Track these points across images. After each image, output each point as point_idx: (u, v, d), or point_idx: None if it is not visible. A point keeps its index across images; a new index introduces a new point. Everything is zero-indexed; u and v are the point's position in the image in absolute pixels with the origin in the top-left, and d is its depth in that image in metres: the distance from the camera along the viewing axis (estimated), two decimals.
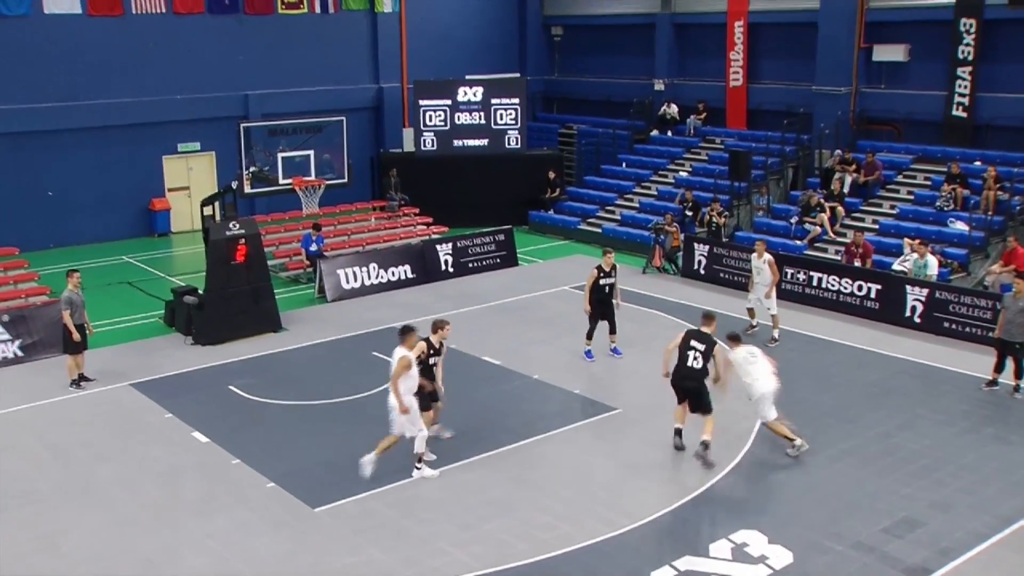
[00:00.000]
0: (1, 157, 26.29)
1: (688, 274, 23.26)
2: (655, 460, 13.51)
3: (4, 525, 12.01)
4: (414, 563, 10.99)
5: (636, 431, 14.50)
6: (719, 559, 11.02)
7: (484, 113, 30.05)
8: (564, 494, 12.58)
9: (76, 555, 11.30)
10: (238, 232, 19.23)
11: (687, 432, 13.70)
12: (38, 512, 12.33)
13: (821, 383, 16.37)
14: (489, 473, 13.18)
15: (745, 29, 29.81)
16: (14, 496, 12.75)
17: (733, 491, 12.64)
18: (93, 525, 11.99)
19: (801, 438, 13.60)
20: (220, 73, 29.36)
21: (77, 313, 16.54)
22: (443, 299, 21.79)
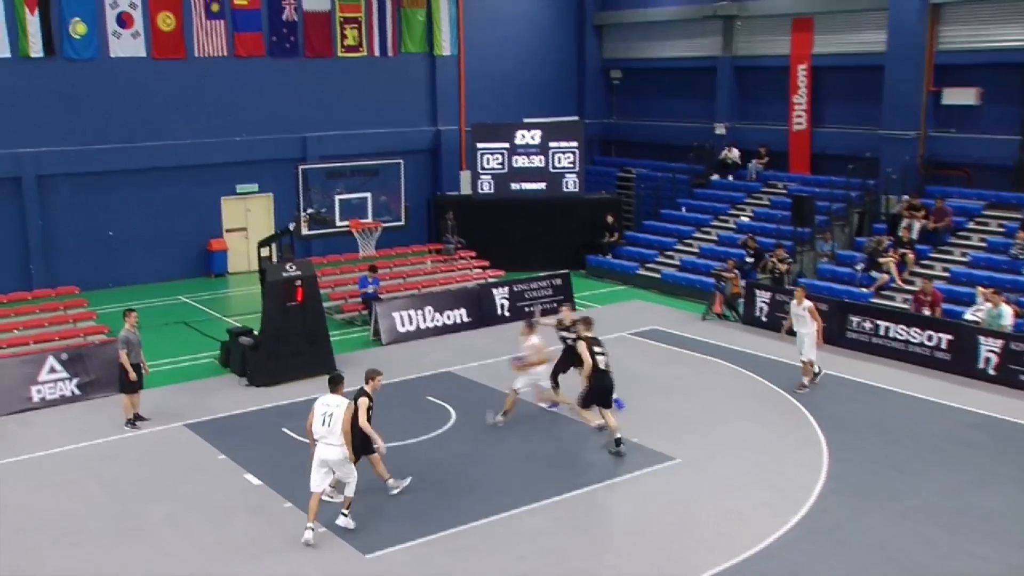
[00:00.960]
0: (64, 197, 26.97)
1: (750, 321, 23.01)
2: (715, 513, 13.28)
3: (56, 563, 12.15)
4: None
5: (695, 482, 14.29)
6: None
7: (542, 156, 30.17)
8: (621, 546, 12.43)
9: None
10: (295, 274, 19.44)
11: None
12: (89, 551, 12.46)
13: (886, 435, 16.01)
14: (544, 521, 13.06)
15: (809, 72, 29.69)
16: (66, 534, 12.91)
17: (796, 548, 12.34)
18: (143, 566, 12.08)
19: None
20: (279, 115, 29.87)
21: (134, 352, 16.80)
22: (499, 343, 21.73)
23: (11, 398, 17.78)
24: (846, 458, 14.96)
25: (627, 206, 32.51)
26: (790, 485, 13.99)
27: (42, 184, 26.50)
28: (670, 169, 32.60)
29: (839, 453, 15.15)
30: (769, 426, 16.49)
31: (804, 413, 16.99)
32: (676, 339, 21.94)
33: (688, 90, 34.00)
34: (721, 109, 32.65)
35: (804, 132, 30.05)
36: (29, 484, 14.63)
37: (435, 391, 18.40)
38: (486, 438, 16.17)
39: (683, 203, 31.15)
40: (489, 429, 16.49)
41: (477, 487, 14.23)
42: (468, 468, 14.94)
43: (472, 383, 19.11)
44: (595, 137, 36.12)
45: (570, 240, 29.60)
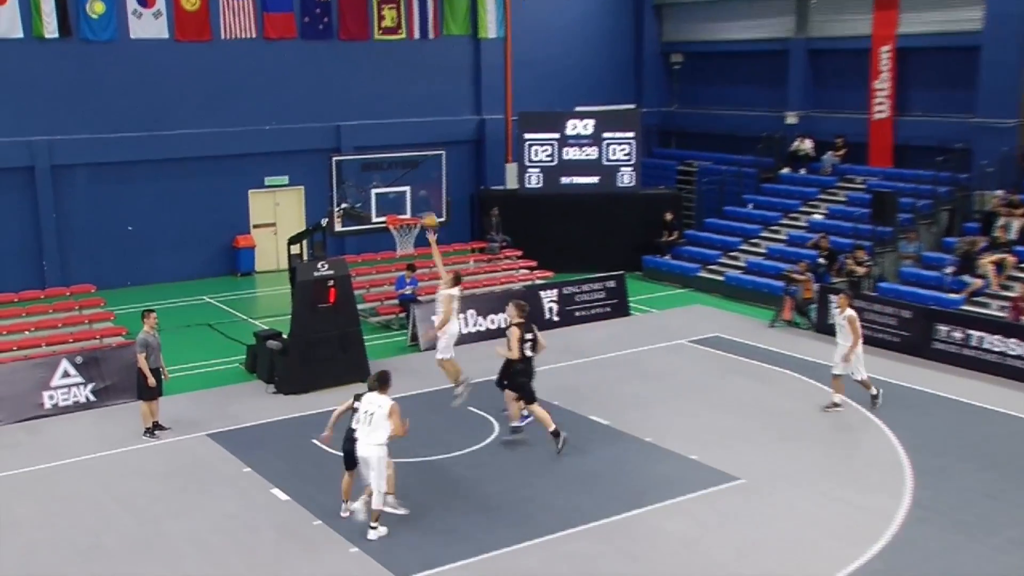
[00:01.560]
0: (80, 189, 27.35)
1: (823, 329, 22.73)
2: (783, 540, 13.10)
3: None
4: None
5: (761, 505, 14.12)
6: None
7: (595, 148, 30.09)
8: (678, 572, 12.28)
9: None
10: (327, 273, 19.52)
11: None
12: (104, 569, 12.57)
13: (979, 458, 15.69)
14: (595, 545, 12.97)
15: (892, 55, 29.25)
16: (80, 551, 13.03)
17: None
18: None
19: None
20: (311, 102, 30.08)
21: (153, 356, 16.95)
22: (547, 351, 21.63)
23: (22, 404, 18.03)
24: (933, 483, 14.68)
25: (688, 202, 32.32)
26: (868, 512, 13.76)
27: (56, 175, 26.89)
28: (735, 162, 32.40)
29: (924, 478, 14.87)
30: (845, 445, 16.29)
31: (884, 432, 16.74)
32: (740, 348, 21.76)
33: (757, 75, 33.76)
34: (793, 96, 32.34)
35: (886, 121, 29.65)
36: (40, 497, 14.79)
37: (477, 401, 18.36)
38: (531, 452, 16.11)
39: (750, 199, 30.91)
40: (537, 442, 16.41)
41: (520, 506, 14.19)
42: (511, 485, 14.90)
43: None
44: (653, 127, 35.97)
45: (625, 239, 29.49)
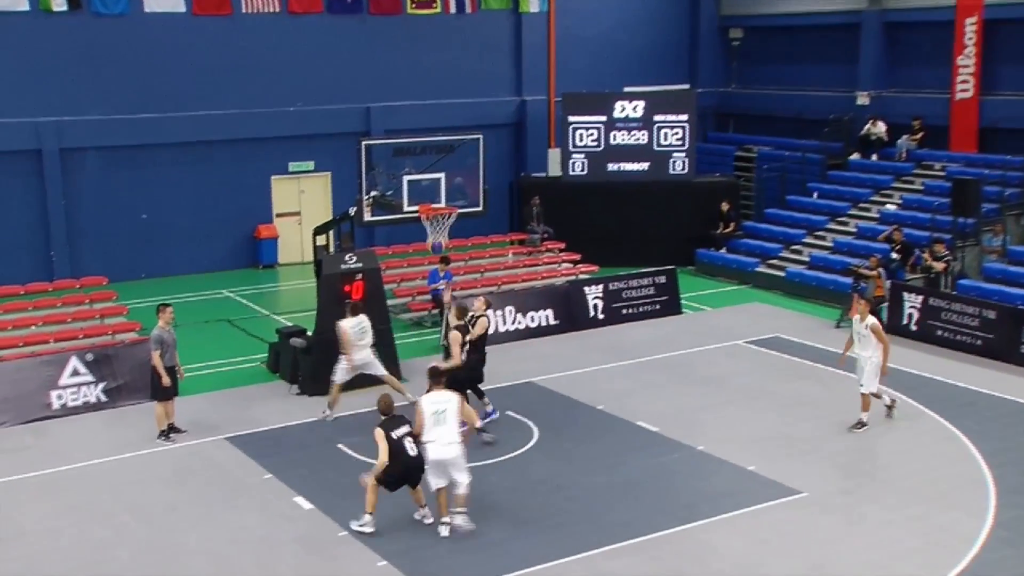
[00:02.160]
0: (90, 174, 27.68)
1: (895, 330, 22.52)
2: (851, 561, 13.00)
3: None
4: None
5: (825, 522, 14.03)
6: None
7: (645, 132, 30.02)
8: None
9: None
10: (355, 266, 19.62)
11: None
12: None
13: None
14: (641, 563, 12.95)
15: (979, 27, 28.93)
16: (90, 564, 13.15)
17: None
18: None
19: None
20: (339, 83, 30.23)
21: (168, 354, 17.10)
22: (591, 351, 21.70)
23: (28, 404, 18.26)
24: (1019, 502, 14.51)
25: (746, 191, 32.21)
26: (946, 531, 13.63)
27: (65, 158, 27.25)
28: (800, 147, 32.23)
29: (1011, 496, 14.68)
30: (920, 457, 16.11)
31: (964, 443, 16.58)
32: (803, 350, 21.64)
33: (825, 52, 33.56)
34: (865, 74, 32.12)
35: (970, 101, 29.37)
36: (47, 505, 14.96)
37: (515, 405, 18.39)
38: (573, 460, 16.12)
39: (815, 188, 30.73)
40: (579, 449, 16.43)
41: (560, 518, 14.18)
42: (551, 496, 14.90)
43: (558, 396, 19.08)
44: (709, 109, 35.85)
45: (677, 231, 29.46)
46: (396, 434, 13.18)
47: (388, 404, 13.54)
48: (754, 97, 35.77)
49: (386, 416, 13.42)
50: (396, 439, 13.13)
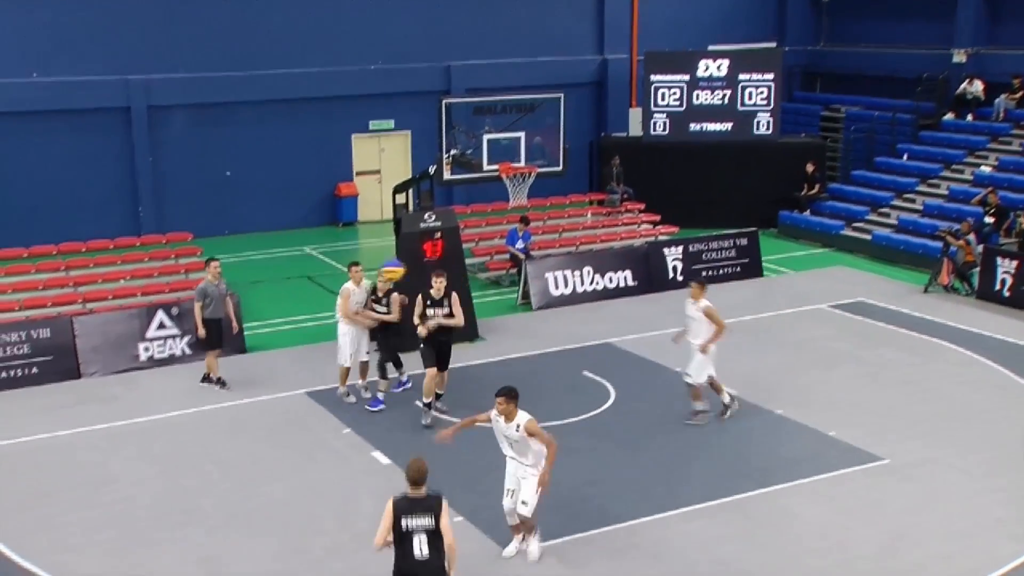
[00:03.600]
0: (177, 131, 28.14)
1: (986, 296, 22.20)
2: (933, 528, 12.93)
3: (165, 546, 12.76)
4: None
5: (907, 490, 13.93)
6: None
7: (729, 92, 29.72)
8: (811, 562, 12.23)
9: None
10: (434, 225, 19.75)
11: None
12: (201, 533, 13.03)
13: None
14: (717, 526, 12.99)
15: None
16: (178, 513, 13.51)
17: None
18: (258, 553, 12.57)
19: None
20: (420, 41, 30.30)
21: (214, 306, 17.44)
22: (669, 313, 21.51)
23: (117, 355, 18.78)
24: None
25: (832, 152, 31.81)
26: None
27: (153, 116, 27.73)
28: (890, 107, 31.69)
29: None
30: (1009, 427, 15.86)
31: None
32: (889, 315, 21.40)
33: (919, 7, 32.88)
34: (962, 31, 31.41)
35: None
36: (136, 453, 15.41)
37: (592, 366, 18.46)
38: (650, 422, 16.15)
39: (905, 149, 30.22)
40: (657, 411, 16.45)
41: (637, 479, 14.26)
42: (628, 456, 14.98)
43: (636, 358, 19.10)
44: (796, 68, 35.37)
45: (760, 193, 29.21)
46: (409, 524, 9.37)
47: (420, 472, 9.48)
48: (843, 55, 35.13)
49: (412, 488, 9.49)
50: (405, 531, 9.37)
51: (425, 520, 9.30)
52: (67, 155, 27.10)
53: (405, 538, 9.29)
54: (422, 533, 9.28)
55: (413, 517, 9.29)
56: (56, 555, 12.55)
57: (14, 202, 26.40)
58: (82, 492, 14.18)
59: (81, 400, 17.48)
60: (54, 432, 16.17)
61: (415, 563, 9.31)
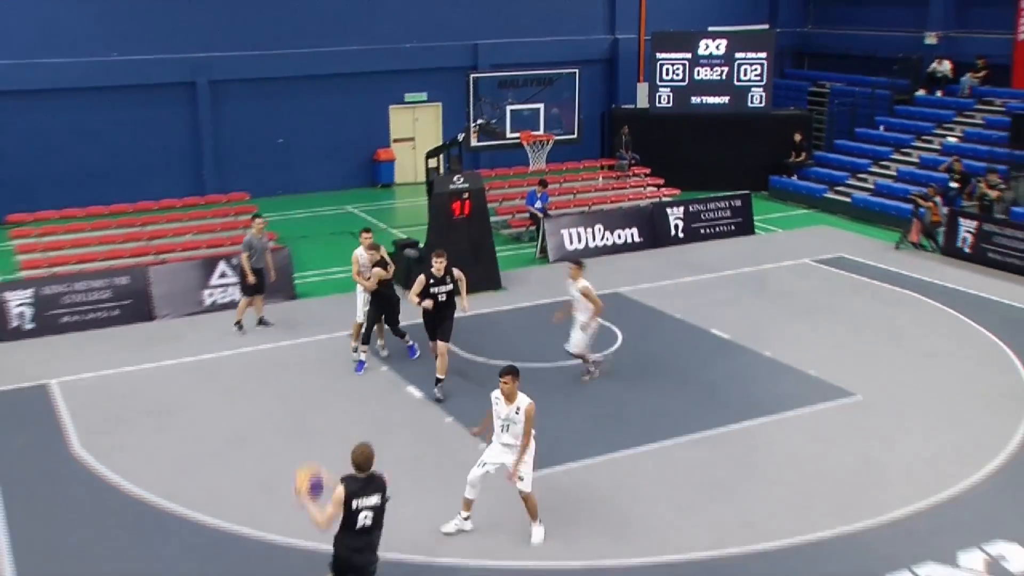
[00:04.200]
0: (236, 103, 28.16)
1: (950, 252, 22.16)
2: (897, 454, 13.06)
3: (227, 467, 13.01)
4: (627, 541, 11.11)
5: (877, 421, 14.04)
6: (969, 570, 10.57)
7: (727, 69, 29.50)
8: (792, 483, 12.38)
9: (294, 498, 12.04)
10: (462, 186, 19.83)
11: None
12: (258, 457, 13.27)
13: None
14: (711, 453, 13.13)
15: None
16: (237, 439, 13.77)
17: (991, 498, 12.01)
18: None
19: None
20: (450, 21, 30.17)
21: (257, 257, 17.61)
22: (672, 266, 21.72)
23: (184, 300, 19.01)
24: None
25: (818, 124, 31.58)
26: (986, 433, 13.56)
27: (214, 89, 27.75)
28: (869, 84, 31.42)
29: None
30: (967, 368, 15.96)
31: (1009, 356, 16.36)
32: (865, 268, 21.39)
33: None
34: (934, 15, 31.07)
35: None
36: (203, 385, 15.67)
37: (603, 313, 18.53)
38: (652, 362, 16.26)
39: (882, 121, 30.01)
40: (659, 353, 16.56)
41: (640, 412, 14.39)
42: (631, 393, 15.10)
43: (641, 306, 19.19)
44: (786, 48, 35.02)
45: (753, 159, 29.05)
46: (359, 504, 8.98)
47: (366, 457, 9.13)
48: (829, 37, 34.79)
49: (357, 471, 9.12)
50: (354, 510, 8.97)
51: (373, 499, 9.01)
52: (141, 125, 27.19)
53: (353, 516, 8.92)
54: (368, 511, 8.96)
55: (363, 498, 8.96)
56: (135, 472, 12.80)
57: (96, 166, 26.57)
58: (155, 418, 14.44)
59: (154, 339, 17.72)
60: (132, 367, 16.43)
61: (361, 538, 9.01)
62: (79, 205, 23.58)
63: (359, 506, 8.91)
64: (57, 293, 18.13)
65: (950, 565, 10.60)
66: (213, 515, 11.75)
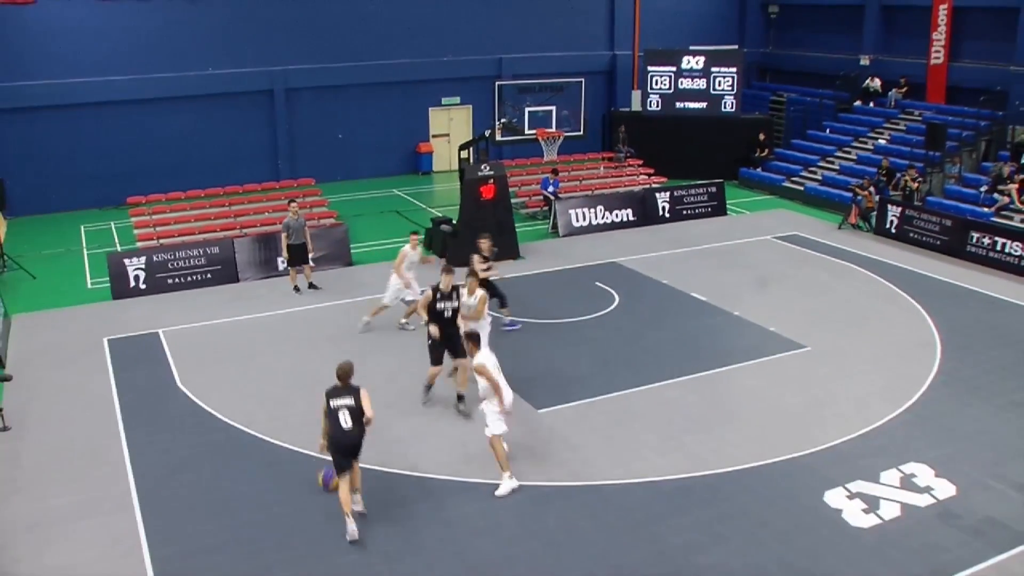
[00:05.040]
0: (305, 107, 28.00)
1: (881, 232, 22.01)
2: (837, 395, 13.08)
3: (298, 404, 13.06)
4: (620, 464, 11.20)
5: (822, 368, 14.05)
6: (888, 486, 10.66)
7: (704, 80, 29.19)
8: (754, 418, 12.43)
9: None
10: (488, 173, 19.75)
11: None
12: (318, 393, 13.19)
13: (998, 339, 15.20)
14: (688, 394, 13.18)
15: (949, 12, 27.32)
16: (305, 379, 13.76)
17: (907, 428, 12.08)
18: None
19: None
20: (479, 39, 29.89)
21: (295, 235, 17.52)
22: (659, 241, 21.65)
23: (262, 267, 19.07)
24: (958, 357, 14.37)
25: (778, 126, 31.24)
26: (905, 377, 13.60)
27: (288, 95, 27.59)
28: (818, 95, 31.05)
29: (952, 352, 14.57)
30: (892, 325, 15.94)
31: (925, 317, 16.30)
32: (815, 244, 21.27)
33: (838, 25, 32.03)
34: (867, 42, 30.65)
35: (941, 66, 27.85)
36: (276, 335, 15.74)
37: (602, 278, 18.56)
38: (644, 320, 16.27)
39: (828, 125, 29.68)
40: (649, 312, 16.56)
41: (632, 359, 14.41)
42: (626, 344, 15.11)
43: (634, 273, 19.14)
44: (752, 64, 34.58)
45: (726, 154, 28.76)
46: (335, 403, 9.67)
47: (345, 371, 9.82)
48: (786, 56, 34.34)
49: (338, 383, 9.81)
50: (332, 408, 9.66)
51: (347, 400, 9.61)
52: (230, 125, 27.08)
53: (333, 414, 9.60)
54: (345, 410, 9.58)
55: (338, 399, 9.63)
56: (223, 403, 12.98)
57: (194, 158, 26.50)
58: (241, 360, 14.56)
59: (238, 298, 17.80)
60: (220, 319, 16.55)
61: (343, 433, 9.59)
62: (181, 189, 23.68)
63: (336, 405, 9.61)
64: (164, 260, 18.23)
65: (874, 482, 10.72)
66: (284, 441, 11.90)
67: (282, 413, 12.68)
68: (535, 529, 9.91)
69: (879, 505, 10.29)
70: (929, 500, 10.38)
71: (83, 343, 15.42)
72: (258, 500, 10.51)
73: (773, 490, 10.62)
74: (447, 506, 10.33)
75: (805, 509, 10.24)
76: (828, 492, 10.51)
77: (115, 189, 24.83)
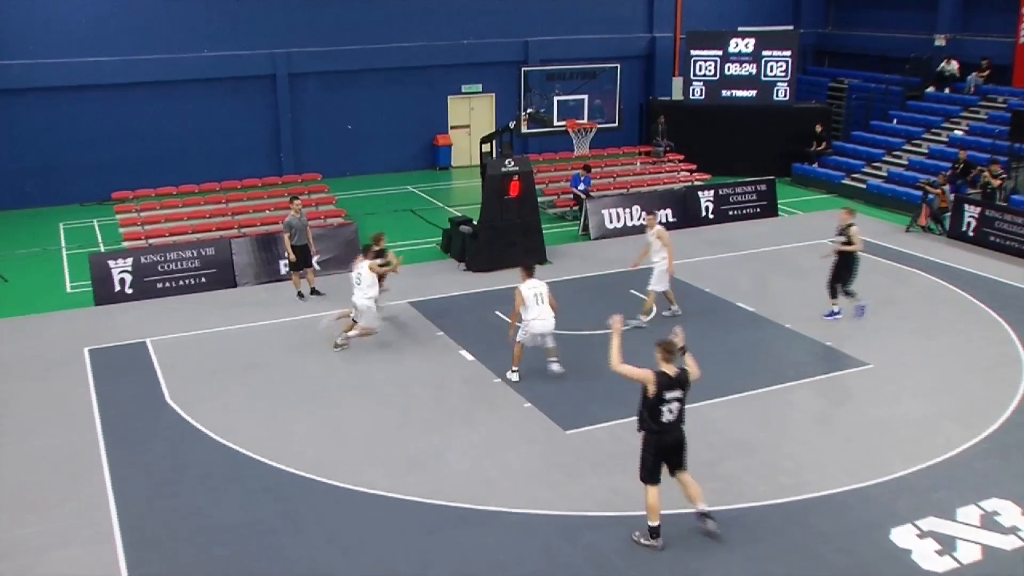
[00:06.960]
0: (311, 93, 28.20)
1: (955, 235, 21.71)
2: (904, 418, 12.84)
3: (302, 416, 13.12)
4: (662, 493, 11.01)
5: (886, 388, 13.81)
6: (966, 524, 10.38)
7: (754, 65, 29.04)
8: (808, 442, 12.24)
9: (360, 447, 12.19)
10: (513, 169, 19.70)
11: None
12: (330, 407, 13.39)
13: None
14: (734, 414, 13.02)
15: None
16: (309, 391, 13.89)
17: (988, 458, 11.81)
18: (374, 423, 12.88)
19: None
20: (503, 19, 29.93)
21: (298, 236, 17.54)
22: (702, 244, 21.49)
23: (263, 270, 19.13)
24: None
25: (837, 116, 31.02)
26: (984, 399, 13.33)
27: (292, 81, 27.78)
28: (884, 81, 30.82)
29: None
30: (968, 340, 15.66)
31: (1008, 331, 16.00)
32: (878, 249, 20.97)
33: (908, 0, 31.71)
34: (943, 19, 30.32)
35: None
36: (278, 344, 15.76)
37: (639, 285, 18.38)
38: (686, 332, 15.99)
39: (895, 115, 29.41)
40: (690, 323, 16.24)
41: None
42: None
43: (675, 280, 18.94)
44: (809, 47, 34.41)
45: (777, 148, 28.60)
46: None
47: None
48: (847, 37, 34.13)
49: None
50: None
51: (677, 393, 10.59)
52: (228, 113, 27.32)
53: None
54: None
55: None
56: (219, 420, 12.96)
57: (188, 149, 26.77)
58: (237, 373, 14.58)
59: (236, 303, 17.86)
60: (216, 328, 16.58)
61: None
62: (173, 184, 23.82)
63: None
64: (153, 262, 18.33)
65: (949, 519, 10.45)
66: (285, 463, 11.84)
67: (282, 432, 12.65)
68: (561, 563, 9.80)
69: (955, 546, 10.04)
70: (1016, 543, 10.10)
71: (61, 353, 15.49)
72: (254, 529, 10.46)
73: (831, 525, 10.41)
74: (461, 536, 10.23)
75: (869, 548, 10.02)
76: (895, 529, 10.29)
77: (99, 183, 25.06)
